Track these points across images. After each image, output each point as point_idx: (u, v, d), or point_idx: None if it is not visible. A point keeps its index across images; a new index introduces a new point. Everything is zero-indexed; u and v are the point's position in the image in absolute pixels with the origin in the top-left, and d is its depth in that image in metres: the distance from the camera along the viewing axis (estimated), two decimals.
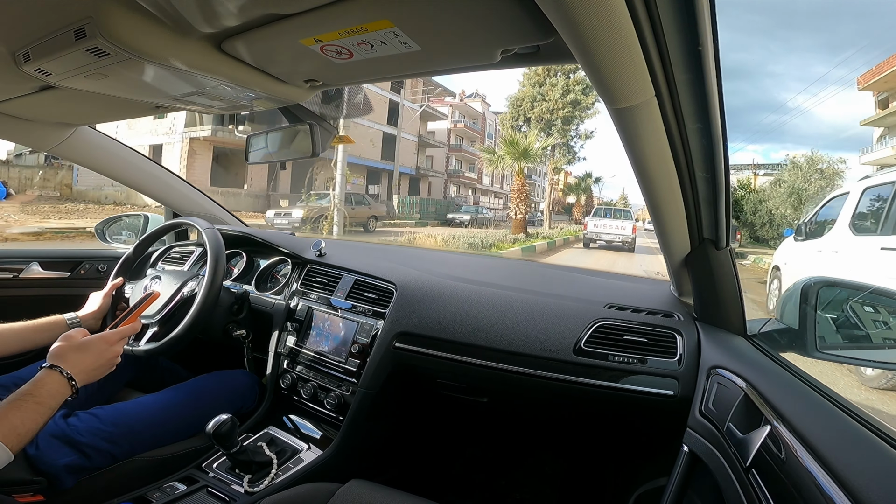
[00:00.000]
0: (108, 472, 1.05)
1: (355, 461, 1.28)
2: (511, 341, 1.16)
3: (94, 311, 1.32)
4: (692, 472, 0.87)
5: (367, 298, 1.35)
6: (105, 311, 1.36)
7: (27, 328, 1.19)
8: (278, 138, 1.22)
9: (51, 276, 1.69)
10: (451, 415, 1.64)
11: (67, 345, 0.94)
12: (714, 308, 1.07)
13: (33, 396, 0.83)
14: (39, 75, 0.82)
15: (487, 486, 1.63)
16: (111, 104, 1.10)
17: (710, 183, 0.78)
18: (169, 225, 1.59)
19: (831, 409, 0.68)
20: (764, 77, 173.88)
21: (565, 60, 0.71)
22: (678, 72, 0.58)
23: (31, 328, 1.20)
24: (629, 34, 0.51)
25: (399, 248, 1.85)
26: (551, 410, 1.40)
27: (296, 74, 0.88)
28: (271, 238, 1.62)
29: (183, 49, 0.74)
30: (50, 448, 0.97)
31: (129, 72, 0.79)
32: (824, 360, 0.95)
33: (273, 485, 1.10)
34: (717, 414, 0.84)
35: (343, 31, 0.66)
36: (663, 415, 1.05)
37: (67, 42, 0.70)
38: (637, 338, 1.10)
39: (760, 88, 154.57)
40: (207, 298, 1.26)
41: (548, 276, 1.55)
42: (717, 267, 0.97)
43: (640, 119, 0.65)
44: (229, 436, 1.02)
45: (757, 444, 0.66)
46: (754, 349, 0.98)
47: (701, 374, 0.97)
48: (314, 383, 1.34)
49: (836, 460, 0.54)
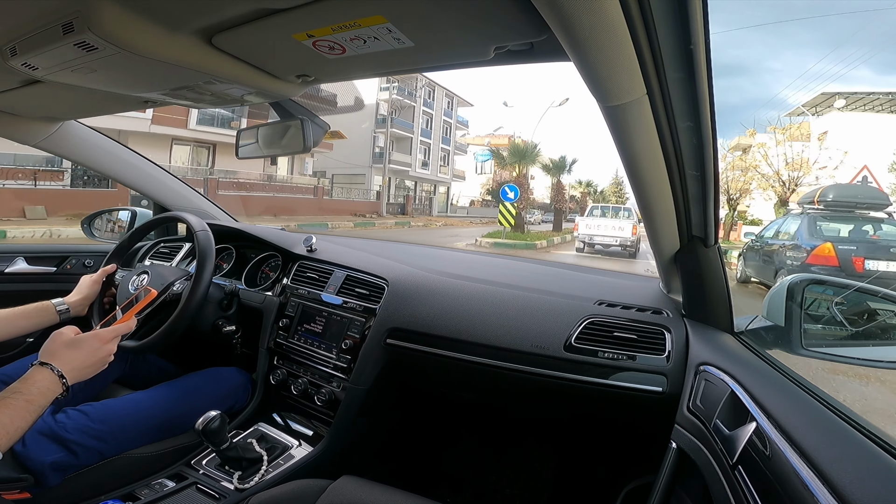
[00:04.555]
0: (95, 469, 1.04)
1: (346, 457, 1.28)
2: (503, 338, 1.16)
3: (82, 297, 1.32)
4: (680, 469, 0.87)
5: (358, 294, 1.35)
6: (93, 297, 1.36)
7: (14, 314, 1.19)
8: (269, 133, 1.21)
9: (36, 271, 1.67)
10: (442, 411, 1.65)
11: (59, 342, 0.93)
12: (702, 305, 1.08)
13: (23, 394, 0.82)
14: (26, 69, 0.81)
15: (478, 482, 1.64)
16: (99, 98, 1.08)
17: (699, 181, 0.79)
18: (164, 217, 1.57)
19: (816, 406, 0.69)
20: (763, 73, 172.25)
21: (558, 58, 0.72)
22: (670, 70, 0.58)
23: (19, 314, 1.19)
24: (622, 32, 0.51)
25: (390, 244, 1.85)
26: (542, 407, 1.40)
27: (287, 69, 0.87)
28: (261, 233, 1.61)
29: (173, 44, 0.73)
30: (37, 445, 0.96)
31: (118, 66, 0.78)
32: (809, 357, 0.96)
33: (263, 481, 1.09)
34: (704, 410, 0.85)
35: (336, 26, 0.65)
36: (652, 411, 1.06)
37: (55, 36, 0.69)
38: (627, 334, 1.11)
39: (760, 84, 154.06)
40: (196, 296, 1.25)
41: (539, 273, 1.56)
42: (705, 264, 0.98)
43: (631, 117, 0.66)
44: (218, 432, 1.02)
45: (743, 441, 0.67)
46: (741, 346, 0.99)
47: (689, 371, 0.98)
48: (305, 379, 1.34)
49: (820, 457, 0.55)
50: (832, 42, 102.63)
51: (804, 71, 23.39)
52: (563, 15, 0.48)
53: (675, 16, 0.52)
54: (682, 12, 0.52)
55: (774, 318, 1.02)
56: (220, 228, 1.61)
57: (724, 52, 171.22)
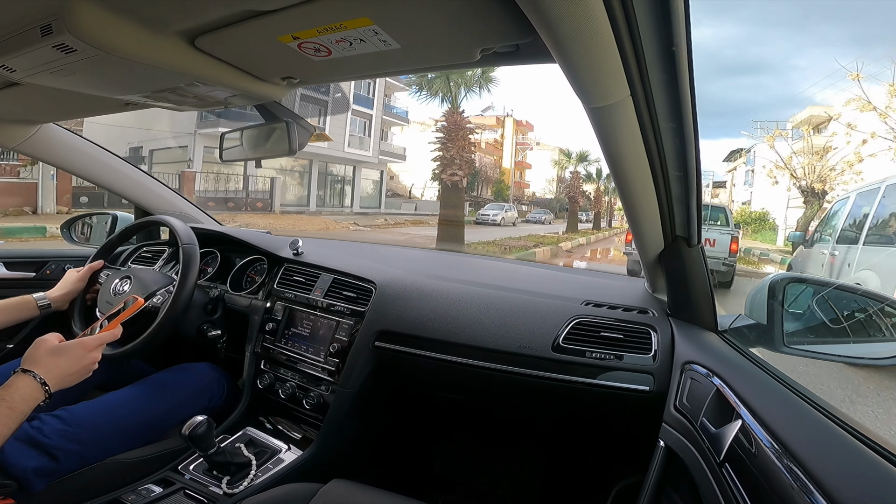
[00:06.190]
0: (80, 475, 1.02)
1: (336, 461, 1.27)
2: (491, 339, 1.17)
3: (64, 292, 1.32)
4: (669, 467, 0.88)
5: (345, 297, 1.34)
6: (76, 294, 1.36)
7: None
8: (253, 136, 1.20)
9: (15, 276, 1.64)
10: (432, 413, 1.64)
11: (43, 349, 0.92)
12: (686, 304, 1.10)
13: (5, 401, 0.81)
14: (3, 72, 0.80)
15: (469, 483, 1.64)
16: (78, 101, 1.07)
17: (682, 181, 0.80)
18: (149, 221, 1.56)
19: (799, 403, 0.70)
20: (788, 71, 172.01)
21: (544, 60, 0.72)
22: (653, 71, 0.59)
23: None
24: (606, 34, 0.52)
25: (377, 247, 1.85)
26: (531, 407, 1.41)
27: (272, 72, 0.87)
28: (247, 237, 1.60)
29: (154, 46, 0.72)
30: (16, 451, 0.94)
31: (98, 69, 0.76)
32: (791, 354, 0.98)
33: (253, 486, 1.08)
34: (690, 409, 0.86)
35: (322, 28, 0.65)
36: (640, 410, 1.07)
37: (33, 38, 0.67)
38: (613, 334, 1.12)
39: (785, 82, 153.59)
40: (180, 301, 1.23)
41: (527, 274, 1.57)
42: (689, 264, 0.99)
43: (615, 118, 0.67)
44: (205, 437, 1.01)
45: (729, 439, 0.68)
46: (725, 344, 1.01)
47: (675, 370, 0.99)
48: (293, 383, 1.33)
49: (804, 454, 0.56)
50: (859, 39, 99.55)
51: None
52: (549, 17, 0.49)
53: (657, 18, 0.53)
54: (664, 15, 0.52)
55: (757, 316, 1.04)
56: (204, 232, 1.59)
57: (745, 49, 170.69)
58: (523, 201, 35.96)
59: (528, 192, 38.51)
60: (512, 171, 35.43)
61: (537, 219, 26.26)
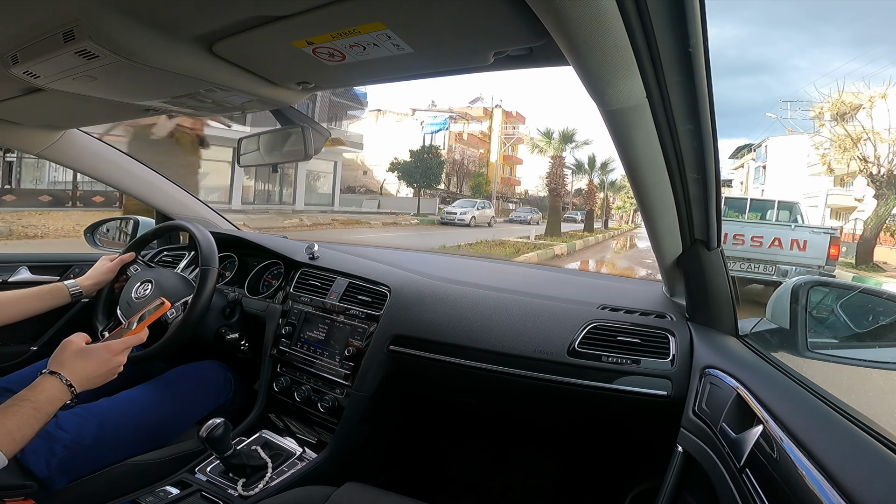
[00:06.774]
0: (98, 477, 1.04)
1: (350, 464, 1.28)
2: (506, 343, 1.16)
3: (94, 282, 1.36)
4: (687, 473, 0.87)
5: (360, 301, 1.35)
6: (105, 284, 1.40)
7: (28, 295, 1.22)
8: (270, 141, 1.21)
9: (40, 280, 1.67)
10: (446, 416, 1.64)
11: (69, 351, 0.93)
12: (706, 308, 1.08)
13: (31, 402, 0.82)
14: (27, 78, 0.82)
15: (482, 487, 1.63)
16: (100, 107, 1.09)
17: (700, 184, 0.79)
18: (176, 225, 1.61)
19: (823, 409, 0.69)
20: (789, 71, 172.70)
21: (558, 62, 0.71)
22: (669, 73, 0.58)
23: (33, 295, 1.23)
24: (621, 36, 0.51)
25: (392, 251, 1.85)
26: (546, 412, 1.40)
27: (288, 77, 0.88)
28: (263, 241, 1.62)
29: (173, 51, 0.73)
30: (35, 451, 0.96)
31: (119, 74, 0.78)
32: (814, 359, 0.95)
33: (268, 488, 1.09)
34: (710, 414, 0.84)
35: (335, 33, 0.65)
36: (657, 415, 1.06)
37: (56, 44, 0.69)
38: (630, 338, 1.10)
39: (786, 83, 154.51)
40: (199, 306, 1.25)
41: (541, 278, 1.56)
42: (708, 267, 0.98)
43: (631, 121, 0.66)
44: (222, 439, 1.02)
45: (750, 444, 0.66)
46: (746, 349, 0.99)
47: (694, 375, 0.98)
48: (308, 386, 1.34)
49: (828, 459, 0.54)
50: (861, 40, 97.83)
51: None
52: (562, 20, 0.49)
53: (673, 19, 0.52)
54: (680, 15, 0.52)
55: (779, 320, 1.01)
56: (223, 236, 1.62)
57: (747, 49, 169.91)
58: (512, 199, 33.89)
59: (519, 189, 36.14)
60: (497, 165, 32.55)
61: (522, 218, 23.02)
